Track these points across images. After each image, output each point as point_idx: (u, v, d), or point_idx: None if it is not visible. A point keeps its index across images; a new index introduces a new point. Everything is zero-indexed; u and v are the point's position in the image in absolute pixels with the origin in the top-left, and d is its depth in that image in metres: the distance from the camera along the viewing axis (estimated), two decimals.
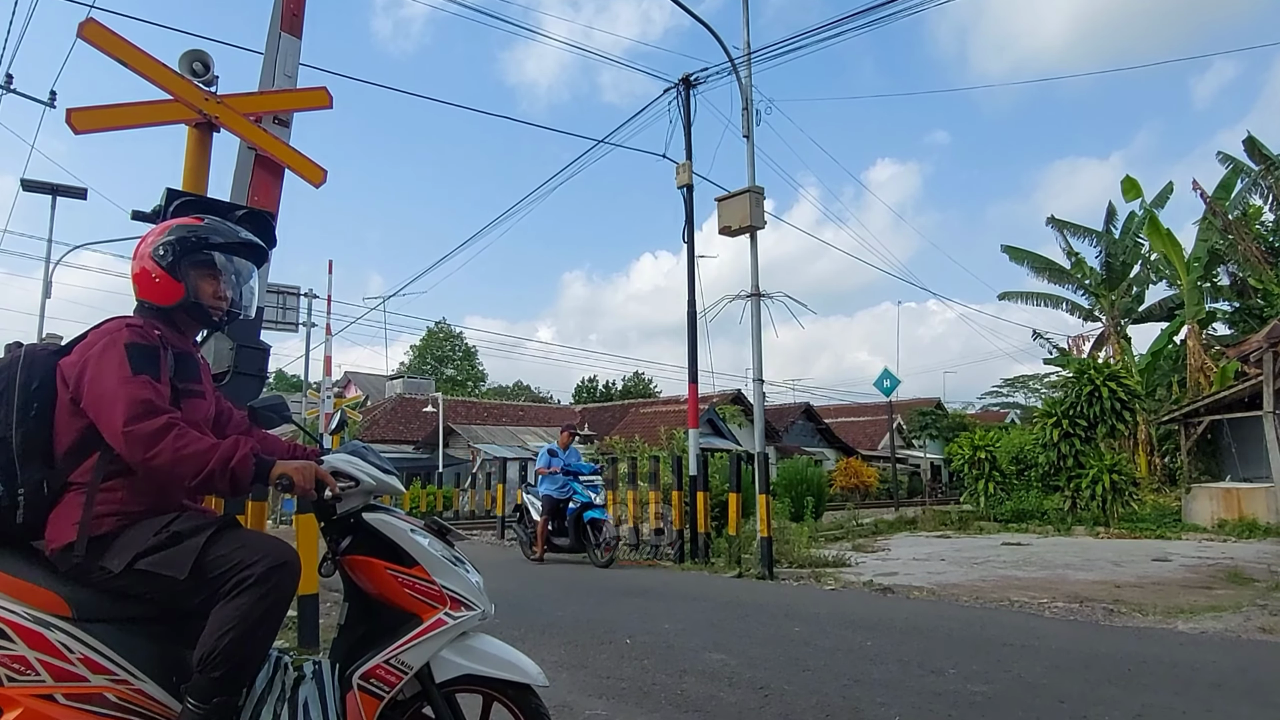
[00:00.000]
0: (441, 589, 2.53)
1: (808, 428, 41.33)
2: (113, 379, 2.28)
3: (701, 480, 12.82)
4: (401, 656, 2.45)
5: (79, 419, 2.35)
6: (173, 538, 2.30)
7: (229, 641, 2.18)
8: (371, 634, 2.55)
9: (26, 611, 2.17)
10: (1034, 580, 9.88)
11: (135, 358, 2.33)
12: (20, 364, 2.37)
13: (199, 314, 2.63)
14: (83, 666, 2.16)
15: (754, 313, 12.23)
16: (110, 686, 2.19)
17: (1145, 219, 24.24)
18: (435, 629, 2.49)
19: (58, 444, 2.36)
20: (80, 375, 2.32)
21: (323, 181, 6.23)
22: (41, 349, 2.45)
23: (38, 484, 2.32)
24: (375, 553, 2.54)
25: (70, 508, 2.31)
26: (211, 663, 2.17)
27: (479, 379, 61.46)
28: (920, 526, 19.42)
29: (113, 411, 2.24)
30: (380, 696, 2.44)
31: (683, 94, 14.11)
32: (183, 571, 2.24)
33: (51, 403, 2.37)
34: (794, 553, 12.24)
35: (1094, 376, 18.37)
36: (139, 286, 2.58)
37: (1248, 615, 7.21)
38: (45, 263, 21.47)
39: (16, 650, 2.12)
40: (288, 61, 6.32)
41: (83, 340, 2.43)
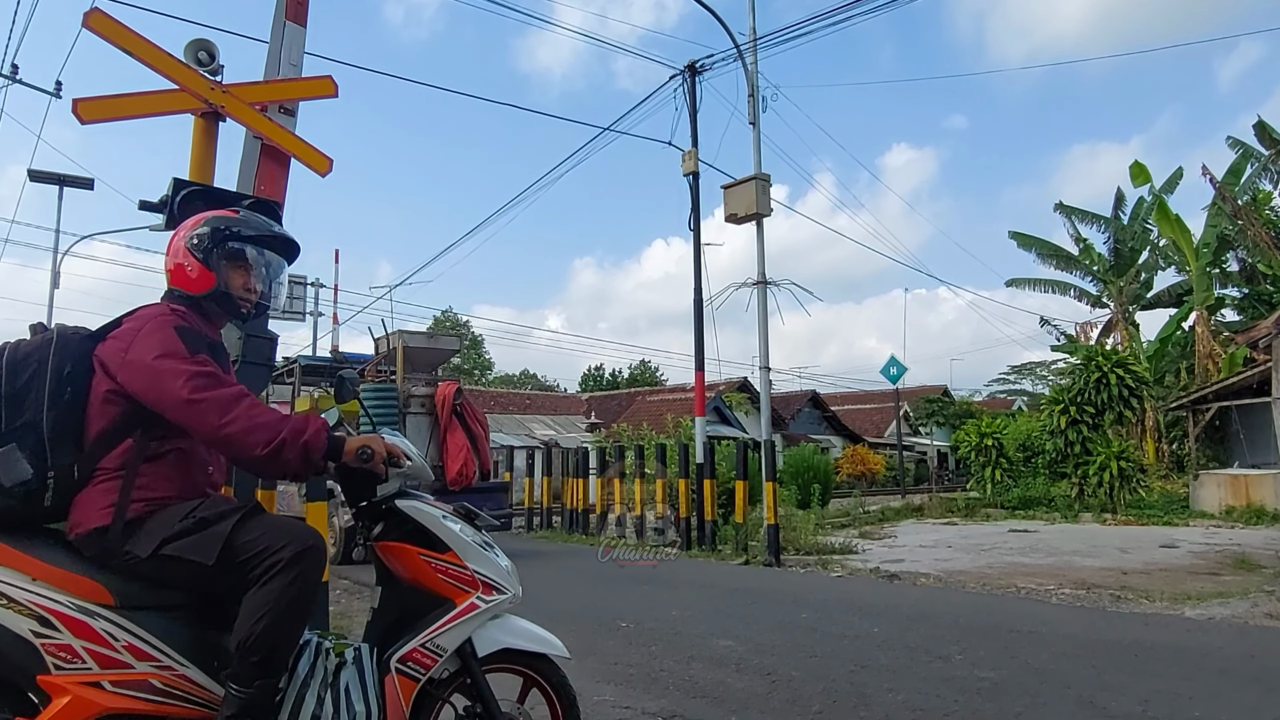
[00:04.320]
0: (474, 573, 2.60)
1: (814, 415, 41.30)
2: (168, 357, 2.30)
3: (708, 468, 12.83)
4: (437, 640, 2.51)
5: (113, 405, 2.36)
6: (199, 523, 2.31)
7: (264, 626, 2.21)
8: (405, 618, 2.60)
9: (70, 600, 2.19)
10: (1041, 567, 9.88)
11: (187, 339, 2.37)
12: (53, 347, 2.36)
13: (228, 305, 2.65)
14: (128, 654, 2.19)
15: (760, 300, 12.22)
16: (155, 673, 2.22)
17: (1154, 204, 24.11)
18: (468, 613, 2.56)
19: (89, 429, 2.36)
20: (126, 358, 2.33)
21: (329, 170, 6.23)
22: (72, 332, 2.44)
23: (68, 468, 2.32)
24: (408, 539, 2.59)
25: (98, 492, 2.32)
26: (250, 648, 2.20)
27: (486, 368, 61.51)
28: (927, 514, 19.42)
29: (174, 385, 2.26)
30: (417, 679, 2.49)
31: (688, 81, 14.07)
32: (210, 557, 2.26)
33: (85, 388, 2.37)
34: (800, 540, 12.26)
35: (1102, 363, 18.31)
36: (172, 274, 2.60)
37: (1255, 601, 7.21)
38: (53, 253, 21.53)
39: (63, 639, 2.14)
40: (293, 50, 6.31)
41: (118, 327, 2.44)
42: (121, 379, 2.33)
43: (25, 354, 2.33)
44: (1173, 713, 4.15)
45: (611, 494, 15.69)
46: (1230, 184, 23.37)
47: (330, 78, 6.40)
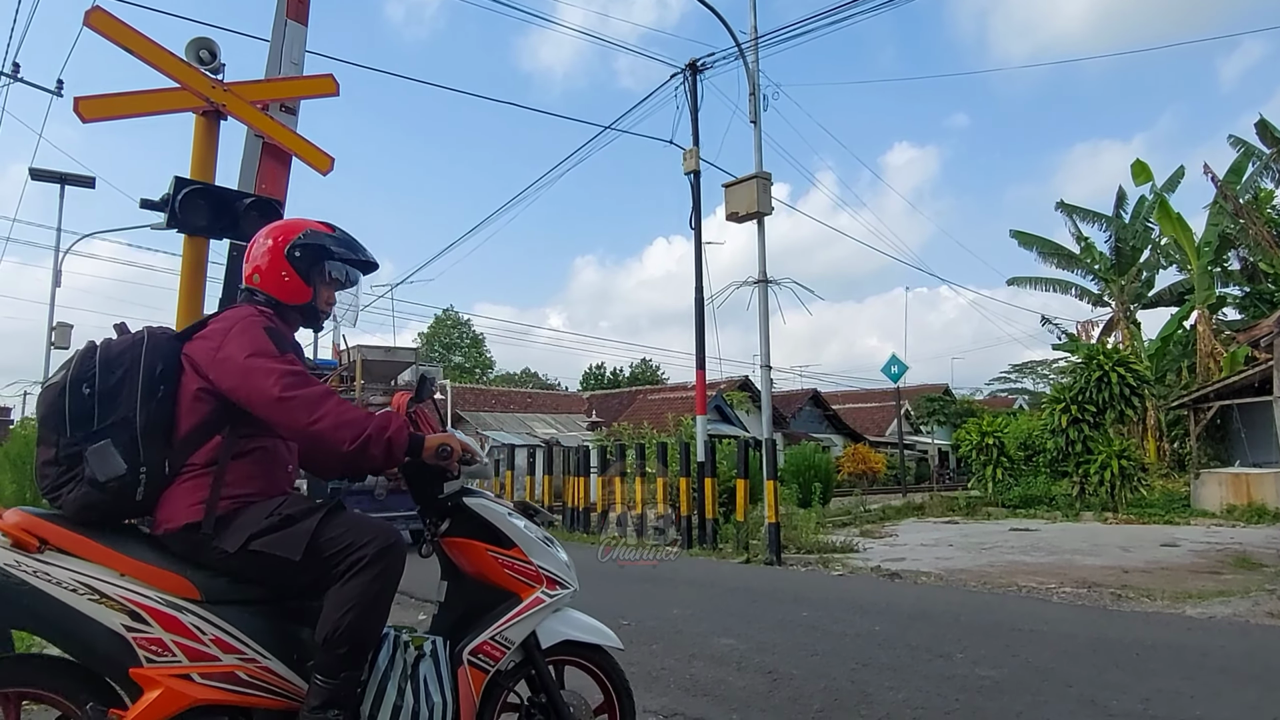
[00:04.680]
0: (538, 569, 2.72)
1: (815, 414, 41.27)
2: (259, 356, 2.37)
3: (709, 466, 12.84)
4: (506, 633, 2.62)
5: (204, 403, 2.43)
6: (285, 520, 2.37)
7: (350, 620, 2.29)
8: (471, 612, 2.69)
9: (159, 595, 2.25)
10: (1042, 565, 9.89)
11: (276, 339, 2.45)
12: (144, 347, 2.42)
13: (312, 316, 2.76)
14: (214, 647, 2.26)
15: (761, 299, 12.22)
16: (241, 665, 2.29)
17: (1155, 203, 24.08)
18: (534, 606, 2.68)
19: (179, 426, 2.43)
20: (218, 356, 2.39)
21: (330, 169, 6.23)
22: (162, 333, 2.51)
23: (159, 464, 2.37)
24: (473, 535, 2.69)
25: (186, 489, 2.39)
26: (336, 640, 2.28)
27: (487, 366, 61.51)
28: (928, 512, 19.43)
29: (265, 383, 2.33)
30: (487, 670, 2.60)
31: (689, 79, 14.06)
32: (297, 553, 2.32)
33: (176, 386, 2.44)
34: (802, 538, 12.27)
35: (1103, 362, 18.31)
36: (263, 278, 2.65)
37: (1256, 600, 7.21)
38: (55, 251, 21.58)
39: (153, 633, 2.20)
40: (294, 49, 6.31)
41: (206, 327, 2.51)
42: (213, 377, 2.40)
43: (118, 353, 2.38)
44: (1174, 711, 4.15)
45: (612, 493, 15.70)
46: (1232, 182, 23.35)
47: (331, 76, 6.41)
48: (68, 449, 2.30)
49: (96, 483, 2.27)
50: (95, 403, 2.32)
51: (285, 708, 2.36)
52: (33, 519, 2.29)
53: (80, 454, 2.29)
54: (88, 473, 2.28)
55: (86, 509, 2.30)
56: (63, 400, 2.31)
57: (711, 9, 12.87)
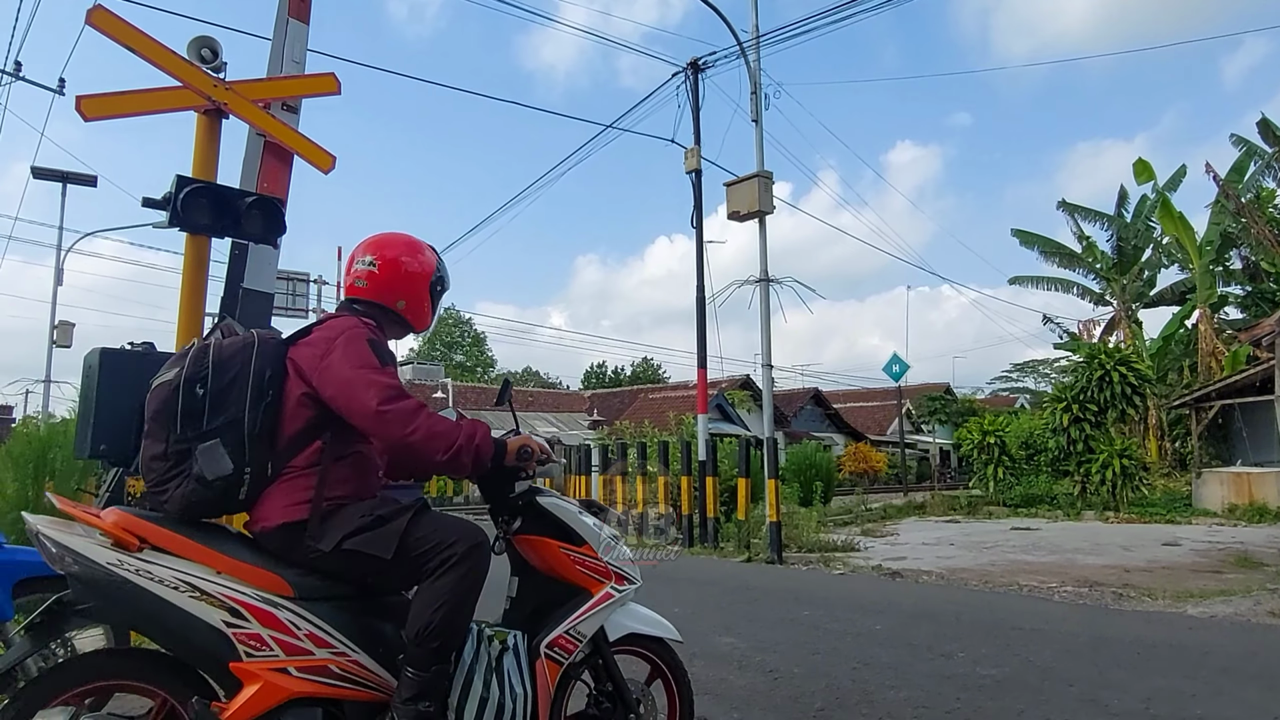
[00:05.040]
0: (607, 565, 2.86)
1: (816, 413, 41.28)
2: (363, 368, 2.46)
3: (710, 465, 12.84)
4: (579, 627, 2.75)
5: (307, 408, 2.52)
6: (377, 520, 2.45)
7: (441, 616, 2.38)
8: (543, 606, 2.80)
9: (255, 593, 2.33)
10: (1043, 565, 9.88)
11: (379, 352, 2.54)
12: (254, 351, 2.51)
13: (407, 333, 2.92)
14: (309, 641, 2.35)
15: (762, 298, 12.22)
16: (333, 659, 2.38)
17: (1157, 202, 24.05)
18: (605, 601, 2.82)
19: (283, 430, 2.52)
20: (325, 365, 2.49)
21: (332, 167, 6.24)
22: (269, 337, 2.61)
23: (263, 465, 2.47)
24: (545, 532, 2.80)
25: (285, 490, 2.48)
26: (428, 635, 2.37)
27: (488, 365, 61.54)
28: (929, 511, 19.44)
29: (365, 395, 2.42)
30: (561, 662, 2.72)
31: (691, 78, 14.05)
32: (388, 551, 2.41)
33: (281, 391, 2.53)
34: (803, 537, 12.27)
35: (1104, 361, 18.30)
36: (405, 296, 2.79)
37: (1257, 599, 7.21)
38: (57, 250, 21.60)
39: (252, 628, 2.28)
40: (295, 47, 6.32)
41: (309, 335, 2.61)
42: (316, 384, 2.50)
43: (230, 355, 2.48)
44: (1175, 710, 4.16)
45: (614, 491, 15.70)
46: (1234, 181, 23.33)
47: (333, 75, 6.41)
48: (177, 445, 2.39)
49: (204, 480, 2.37)
50: (207, 403, 2.41)
51: (373, 700, 2.45)
52: (132, 519, 2.36)
53: (188, 451, 2.39)
54: (195, 470, 2.38)
55: (191, 505, 2.40)
56: (176, 398, 2.39)
57: (713, 8, 12.87)
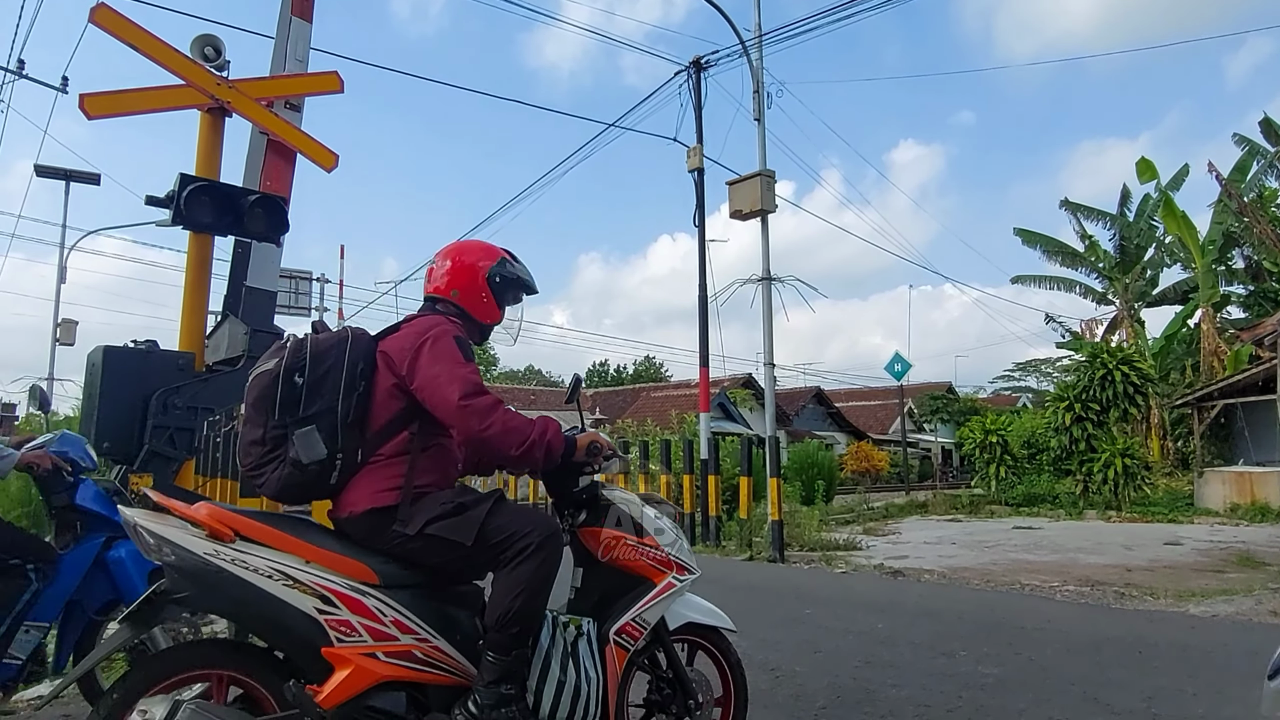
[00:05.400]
0: (669, 555, 2.99)
1: (818, 412, 41.26)
2: (449, 363, 2.61)
3: (713, 464, 12.84)
4: (644, 615, 2.88)
5: (397, 400, 2.67)
6: (458, 508, 2.58)
7: (520, 603, 2.51)
8: (607, 596, 2.92)
9: (344, 581, 2.45)
10: (1045, 564, 9.88)
11: (464, 349, 2.69)
12: (348, 344, 2.67)
13: (487, 333, 3.04)
14: (394, 628, 2.46)
15: (765, 297, 12.22)
16: (416, 644, 2.49)
17: (1160, 201, 24.02)
18: (667, 591, 2.94)
19: (373, 419, 2.67)
20: (414, 359, 2.63)
21: (334, 166, 6.24)
22: (361, 333, 2.77)
23: (353, 451, 2.62)
24: (609, 525, 2.94)
25: (373, 477, 2.62)
26: (508, 621, 2.50)
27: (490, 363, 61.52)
28: (931, 510, 19.42)
29: (449, 390, 2.56)
30: (628, 649, 2.86)
31: (693, 77, 14.04)
32: (469, 538, 2.53)
33: (372, 382, 2.69)
34: (805, 536, 12.26)
35: (1107, 360, 18.29)
36: (460, 293, 2.92)
37: (1259, 599, 7.20)
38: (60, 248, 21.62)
39: (342, 615, 2.40)
40: (298, 46, 6.32)
41: (398, 330, 2.77)
42: (404, 375, 2.64)
43: (325, 348, 2.64)
44: (1176, 709, 4.16)
45: None
46: (1236, 181, 23.29)
47: (336, 73, 6.42)
48: (274, 431, 2.56)
49: (299, 464, 2.54)
50: (304, 392, 2.57)
51: (453, 683, 2.57)
52: (223, 511, 2.47)
53: (284, 436, 2.55)
54: (292, 454, 2.54)
55: (287, 488, 2.58)
56: (275, 387, 2.55)
57: (716, 6, 12.86)
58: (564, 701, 2.63)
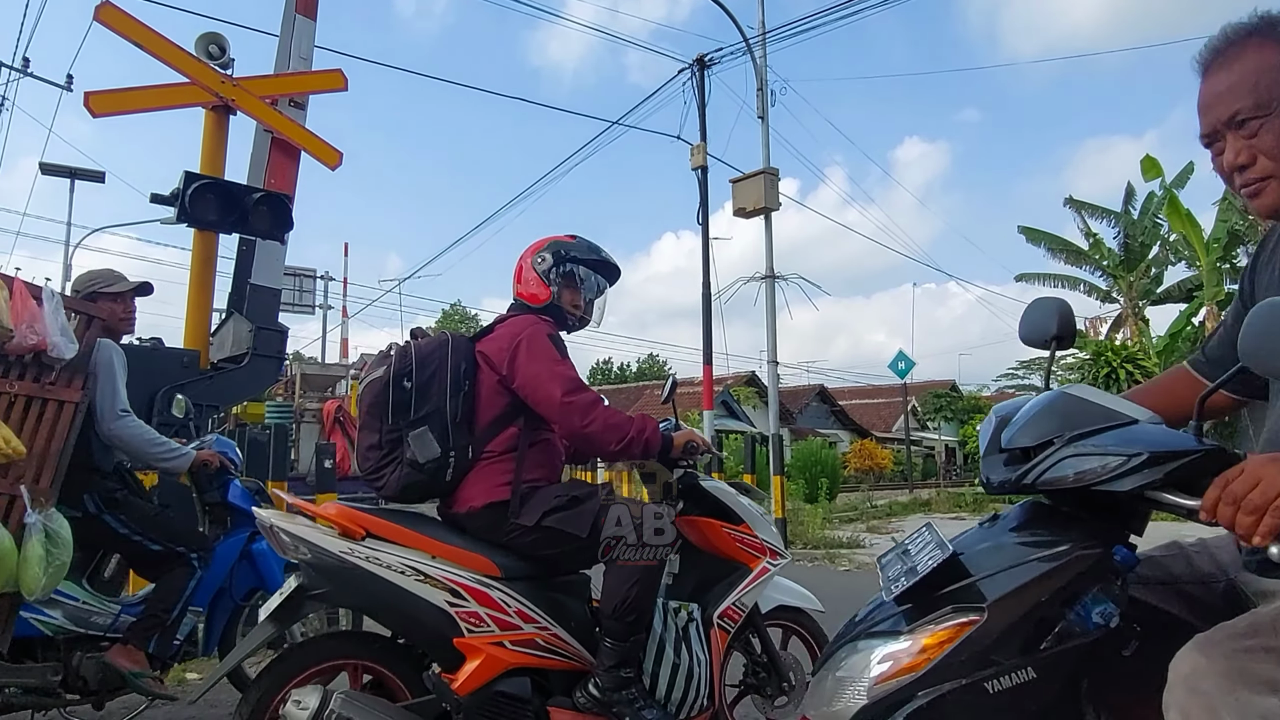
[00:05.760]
0: (763, 542, 3.14)
1: (822, 409, 41.24)
2: (546, 361, 2.77)
3: (716, 462, 12.84)
4: (743, 598, 3.05)
5: (501, 397, 2.83)
6: (572, 501, 2.73)
7: (636, 592, 2.64)
8: (704, 581, 3.07)
9: (470, 574, 2.61)
10: None
11: (559, 346, 2.84)
12: (449, 348, 2.83)
13: (559, 316, 3.08)
14: (517, 618, 2.62)
15: (768, 294, 12.24)
16: (538, 633, 2.65)
17: (1165, 199, 23.96)
18: (762, 575, 3.10)
19: (480, 417, 2.84)
20: (513, 358, 2.78)
21: (338, 164, 6.26)
22: (460, 337, 2.95)
23: (464, 449, 2.78)
24: (706, 513, 3.12)
25: (486, 473, 2.78)
26: (625, 610, 2.63)
27: None
28: (935, 508, 19.39)
29: (551, 387, 2.72)
30: (729, 631, 3.02)
31: (697, 75, 14.03)
32: (584, 530, 2.66)
33: (475, 382, 2.85)
34: (808, 534, 12.28)
35: (1111, 358, 18.26)
36: (518, 286, 3.08)
37: None
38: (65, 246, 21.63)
39: (470, 607, 2.55)
40: (302, 44, 6.33)
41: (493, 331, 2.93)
42: (505, 374, 2.80)
43: (428, 352, 2.80)
44: None
45: (619, 487, 15.70)
46: None
47: (340, 71, 6.43)
48: (389, 435, 2.74)
49: (416, 464, 2.71)
50: (413, 395, 2.74)
51: (571, 668, 2.73)
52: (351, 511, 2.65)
53: (400, 439, 2.73)
54: (408, 455, 2.72)
55: (406, 488, 2.75)
56: (387, 393, 2.73)
57: (720, 4, 12.86)
58: (678, 683, 2.78)
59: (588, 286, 3.12)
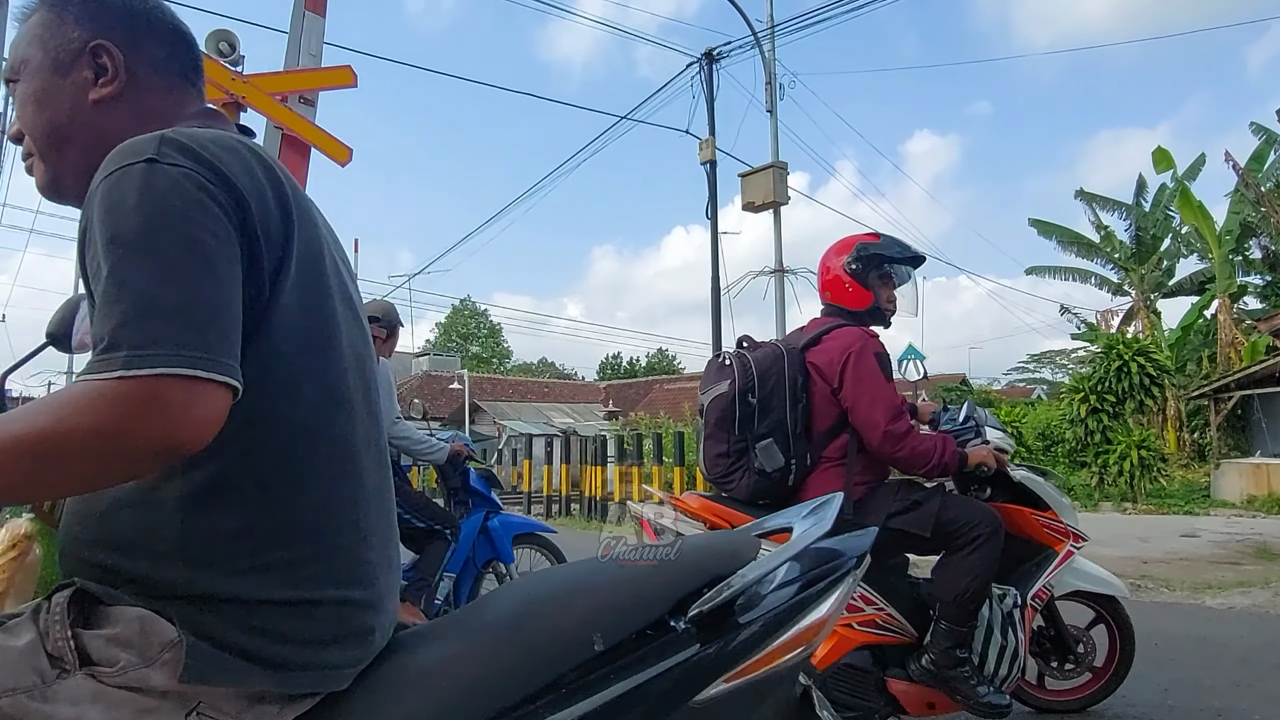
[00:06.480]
0: (1067, 526, 3.32)
1: None
2: (872, 384, 2.96)
3: None
4: (1051, 580, 3.23)
5: (833, 407, 3.04)
6: (913, 504, 2.95)
7: (977, 584, 2.86)
8: (1012, 564, 3.18)
9: None
10: None
11: (884, 366, 3.02)
12: (784, 362, 3.03)
13: (878, 316, 3.28)
14: (860, 601, 2.90)
15: (777, 288, 12.22)
16: (877, 614, 2.93)
17: (1176, 191, 23.82)
18: (1068, 558, 3.30)
19: (815, 425, 3.05)
20: (841, 375, 2.98)
21: (349, 160, 6.26)
22: (791, 348, 3.13)
23: (804, 457, 3.02)
24: (1012, 500, 3.29)
25: (825, 477, 3.02)
26: (966, 599, 2.86)
27: (504, 356, 61.66)
28: None
29: (874, 411, 2.93)
30: (1037, 610, 3.23)
31: (705, 69, 14.01)
32: (928, 530, 2.89)
33: (810, 393, 3.06)
34: None
35: (1123, 351, 18.16)
36: (832, 293, 3.27)
37: (1276, 591, 7.16)
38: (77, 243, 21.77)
39: None
40: (312, 40, 6.33)
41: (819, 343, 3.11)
42: (834, 387, 3.01)
43: (766, 367, 3.02)
44: (1192, 701, 4.15)
45: (629, 482, 15.73)
46: (1254, 170, 23.04)
47: (349, 68, 6.43)
48: (736, 445, 3.01)
49: (764, 473, 2.97)
50: (757, 409, 2.98)
51: (902, 643, 3.00)
52: (708, 502, 3.02)
53: (745, 449, 3.00)
54: (756, 464, 2.97)
55: (755, 493, 3.02)
56: (733, 407, 2.99)
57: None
58: (1004, 662, 2.97)
59: (900, 278, 3.30)
